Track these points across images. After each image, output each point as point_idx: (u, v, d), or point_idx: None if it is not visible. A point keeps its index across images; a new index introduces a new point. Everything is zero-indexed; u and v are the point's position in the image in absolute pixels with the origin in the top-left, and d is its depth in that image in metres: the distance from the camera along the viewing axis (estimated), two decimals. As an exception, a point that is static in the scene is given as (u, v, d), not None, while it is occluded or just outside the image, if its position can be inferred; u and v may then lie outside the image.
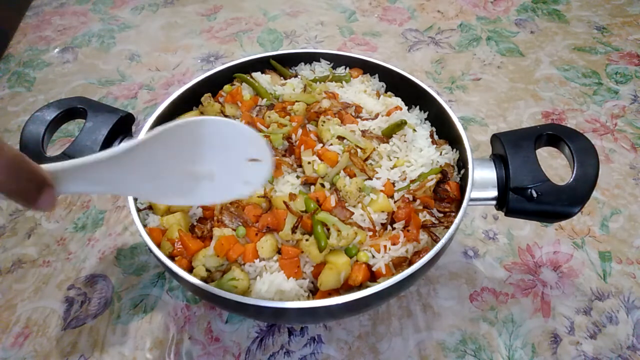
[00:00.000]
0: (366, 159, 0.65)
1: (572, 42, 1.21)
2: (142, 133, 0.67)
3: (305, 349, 0.67)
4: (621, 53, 1.17)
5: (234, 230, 0.58)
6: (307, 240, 0.56)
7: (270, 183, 0.62)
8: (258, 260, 0.57)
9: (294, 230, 0.57)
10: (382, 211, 0.60)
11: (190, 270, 0.56)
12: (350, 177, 0.62)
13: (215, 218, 0.60)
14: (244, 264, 0.57)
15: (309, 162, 0.63)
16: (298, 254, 0.57)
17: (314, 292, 0.57)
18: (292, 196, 0.59)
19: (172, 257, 0.57)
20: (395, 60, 1.18)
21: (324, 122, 0.67)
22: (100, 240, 0.82)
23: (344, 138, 0.66)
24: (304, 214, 0.58)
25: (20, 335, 0.69)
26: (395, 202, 0.62)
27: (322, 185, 0.61)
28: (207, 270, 0.56)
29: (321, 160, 0.63)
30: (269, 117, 0.69)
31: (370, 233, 0.59)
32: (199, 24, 1.35)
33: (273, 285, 0.55)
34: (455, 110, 0.78)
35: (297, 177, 0.63)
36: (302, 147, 0.64)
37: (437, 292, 0.73)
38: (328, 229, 0.57)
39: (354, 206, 0.60)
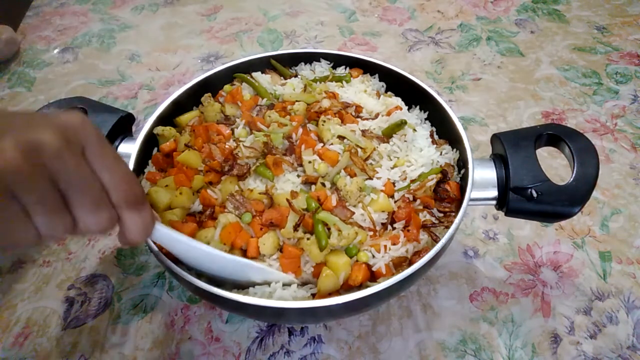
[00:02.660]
0: (366, 159, 0.65)
1: (572, 42, 1.21)
2: (143, 132, 0.67)
3: (305, 349, 0.67)
4: (621, 53, 1.17)
5: (239, 217, 0.59)
6: (308, 239, 0.56)
7: (271, 181, 0.62)
8: (259, 257, 0.57)
9: (296, 228, 0.57)
10: (383, 211, 0.60)
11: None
12: (351, 177, 0.62)
13: (219, 204, 0.61)
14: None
15: (309, 162, 0.63)
16: (299, 255, 0.57)
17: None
18: (294, 194, 0.59)
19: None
20: (395, 60, 1.18)
21: (324, 121, 0.67)
22: (100, 240, 0.82)
23: (344, 138, 0.66)
24: (306, 213, 0.58)
25: (20, 335, 0.69)
26: (395, 202, 0.62)
27: (323, 185, 0.61)
28: None
29: (322, 159, 0.63)
30: (269, 116, 0.69)
31: (371, 233, 0.59)
32: (199, 24, 1.35)
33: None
34: (455, 110, 0.78)
35: (298, 176, 0.64)
36: (303, 147, 0.64)
37: (437, 292, 0.73)
38: (329, 229, 0.57)
39: (355, 206, 0.60)
